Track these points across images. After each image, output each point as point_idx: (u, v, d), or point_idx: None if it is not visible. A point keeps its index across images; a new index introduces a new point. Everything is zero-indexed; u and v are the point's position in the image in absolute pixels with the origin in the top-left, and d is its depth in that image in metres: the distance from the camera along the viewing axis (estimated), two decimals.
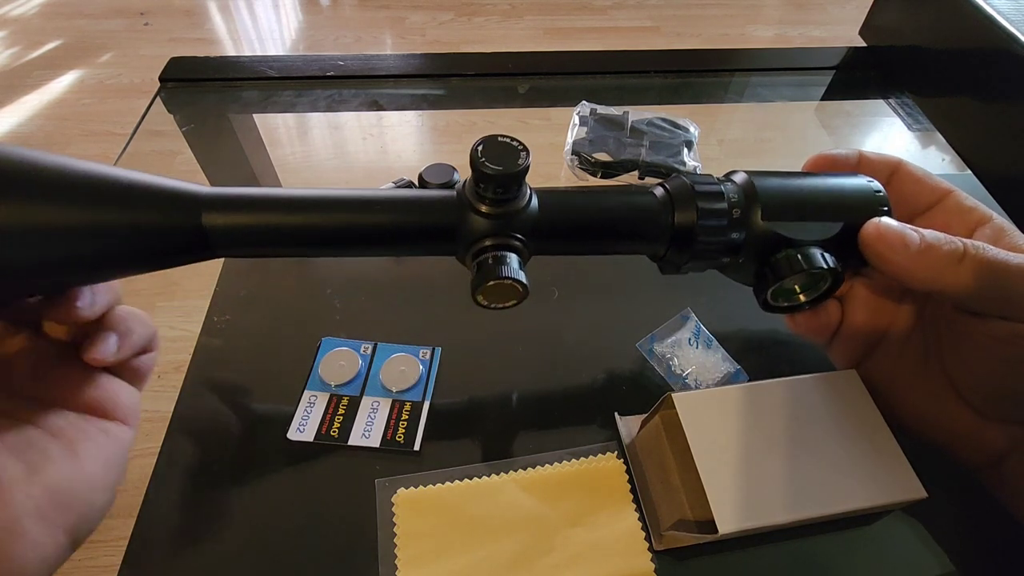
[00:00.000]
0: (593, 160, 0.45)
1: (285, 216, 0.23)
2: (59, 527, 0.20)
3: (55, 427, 0.21)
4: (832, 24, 1.82)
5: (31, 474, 0.19)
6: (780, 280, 0.25)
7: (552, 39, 1.71)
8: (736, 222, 0.25)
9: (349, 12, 1.79)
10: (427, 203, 0.25)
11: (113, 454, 0.22)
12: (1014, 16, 0.46)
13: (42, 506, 0.19)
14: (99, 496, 0.21)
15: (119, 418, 0.22)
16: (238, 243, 0.23)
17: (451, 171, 0.42)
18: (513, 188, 0.23)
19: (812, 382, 0.29)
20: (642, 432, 0.30)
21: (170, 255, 0.22)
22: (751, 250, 0.26)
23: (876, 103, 0.57)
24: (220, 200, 0.22)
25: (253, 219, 0.23)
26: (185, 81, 0.53)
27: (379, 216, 0.24)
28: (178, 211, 0.21)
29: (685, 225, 0.25)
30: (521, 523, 0.27)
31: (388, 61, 0.56)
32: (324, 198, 0.24)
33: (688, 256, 0.26)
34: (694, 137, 0.48)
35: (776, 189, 0.26)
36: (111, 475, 0.22)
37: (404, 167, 0.49)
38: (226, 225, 0.22)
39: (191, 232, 0.22)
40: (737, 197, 0.26)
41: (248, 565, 0.27)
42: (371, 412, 0.31)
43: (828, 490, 0.26)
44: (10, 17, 1.68)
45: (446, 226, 0.24)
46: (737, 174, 0.27)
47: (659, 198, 0.26)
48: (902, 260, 0.24)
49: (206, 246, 0.22)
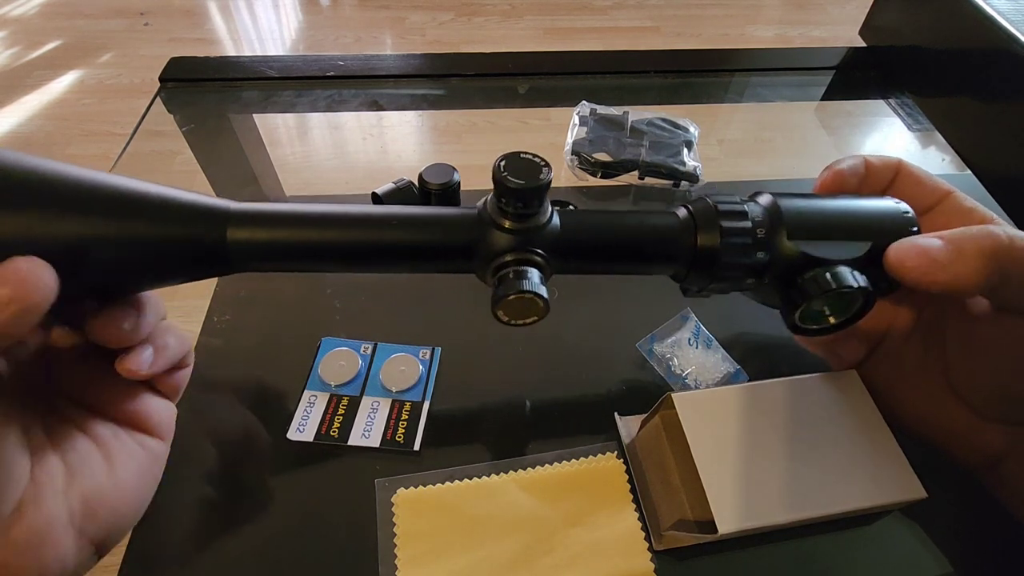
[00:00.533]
0: (593, 160, 0.45)
1: (307, 232, 0.23)
2: (86, 536, 0.20)
3: (97, 435, 0.21)
4: (832, 24, 1.82)
5: (71, 480, 0.20)
6: (808, 300, 0.24)
7: (552, 39, 1.71)
8: (760, 242, 0.25)
9: (349, 12, 1.79)
10: (448, 220, 0.25)
11: (147, 468, 0.22)
12: (1014, 16, 0.46)
13: (74, 513, 0.19)
14: (128, 508, 0.21)
15: (155, 432, 0.23)
16: (259, 258, 0.23)
17: (451, 171, 0.42)
18: (535, 203, 0.23)
19: (812, 382, 0.29)
20: (642, 432, 0.30)
21: (190, 269, 0.23)
22: (777, 271, 0.25)
23: (876, 103, 0.57)
24: (247, 216, 0.22)
25: (276, 235, 0.23)
26: (185, 81, 0.53)
27: (399, 233, 0.24)
28: (206, 225, 0.22)
29: (708, 246, 0.25)
30: (521, 523, 0.27)
31: (388, 61, 0.56)
32: (344, 215, 0.24)
33: (711, 278, 0.26)
34: (694, 137, 0.48)
35: (801, 208, 0.26)
36: (143, 488, 0.22)
37: (404, 167, 0.49)
38: (249, 240, 0.22)
39: (215, 247, 0.22)
40: (762, 217, 0.25)
41: (248, 565, 0.27)
42: (371, 412, 0.31)
43: (828, 490, 0.26)
44: (10, 17, 1.68)
45: (468, 243, 0.24)
46: (762, 195, 0.27)
47: (682, 219, 0.26)
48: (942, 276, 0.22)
49: (226, 261, 0.23)
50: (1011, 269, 0.21)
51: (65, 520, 0.19)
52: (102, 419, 0.22)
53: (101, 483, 0.20)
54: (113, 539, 0.21)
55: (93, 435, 0.21)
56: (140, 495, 0.22)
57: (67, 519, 0.19)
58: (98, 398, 0.22)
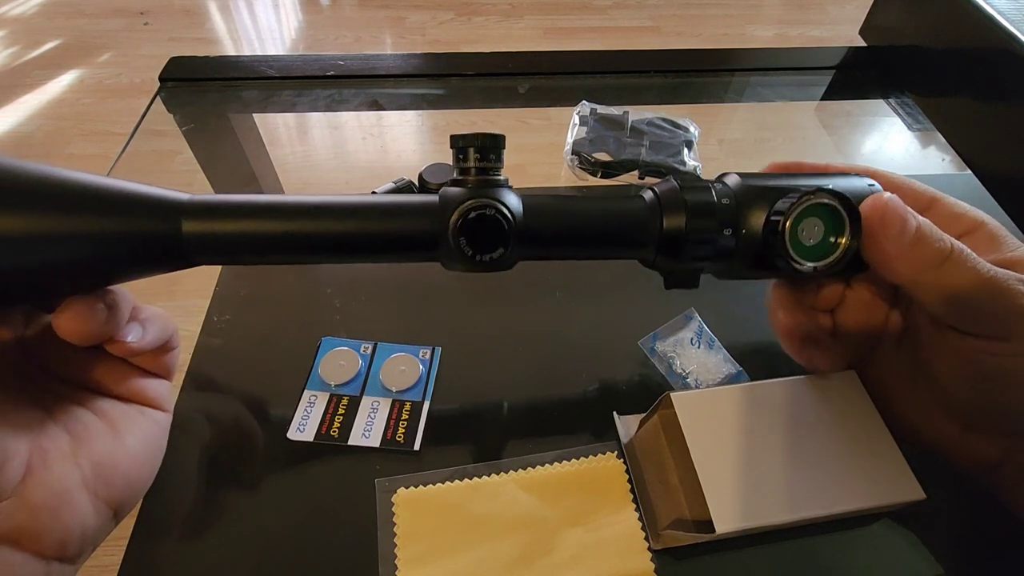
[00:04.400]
0: (593, 160, 0.45)
1: (263, 223, 0.23)
2: (102, 499, 0.21)
3: (98, 408, 0.22)
4: (832, 24, 1.82)
5: (77, 446, 0.21)
6: (787, 217, 0.23)
7: (552, 39, 1.71)
8: (726, 214, 0.25)
9: (349, 12, 1.79)
10: (410, 207, 0.24)
11: (151, 433, 0.23)
12: (1014, 16, 0.46)
13: (87, 477, 0.21)
14: (139, 472, 0.23)
15: (154, 404, 0.24)
16: (215, 251, 0.23)
17: (451, 171, 0.42)
18: (491, 157, 0.24)
19: (811, 383, 0.29)
20: (641, 431, 0.30)
21: (147, 263, 0.22)
22: (751, 242, 0.25)
23: (876, 103, 0.57)
24: (201, 207, 0.22)
25: (232, 226, 0.23)
26: (185, 81, 0.53)
27: (360, 223, 0.24)
28: (158, 218, 0.21)
29: (675, 227, 0.25)
30: (521, 523, 0.27)
31: (388, 61, 0.56)
32: (301, 205, 0.23)
33: (679, 258, 0.25)
34: (694, 137, 0.48)
35: (768, 182, 0.25)
36: (150, 454, 0.23)
37: (404, 167, 0.49)
38: (204, 232, 0.22)
39: (169, 239, 0.22)
40: (728, 193, 0.25)
41: (248, 565, 0.27)
42: (371, 412, 0.31)
43: (826, 491, 0.26)
44: (10, 17, 1.68)
45: (429, 232, 0.24)
46: (729, 175, 0.26)
47: (648, 201, 0.26)
48: (893, 247, 0.23)
49: (181, 255, 0.22)
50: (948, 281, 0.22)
51: (78, 482, 0.20)
52: (101, 396, 0.23)
53: (109, 448, 0.21)
54: (128, 503, 0.22)
55: (94, 408, 0.22)
56: (148, 460, 0.23)
57: (80, 481, 0.20)
58: (95, 379, 0.23)
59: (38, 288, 0.21)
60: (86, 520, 0.20)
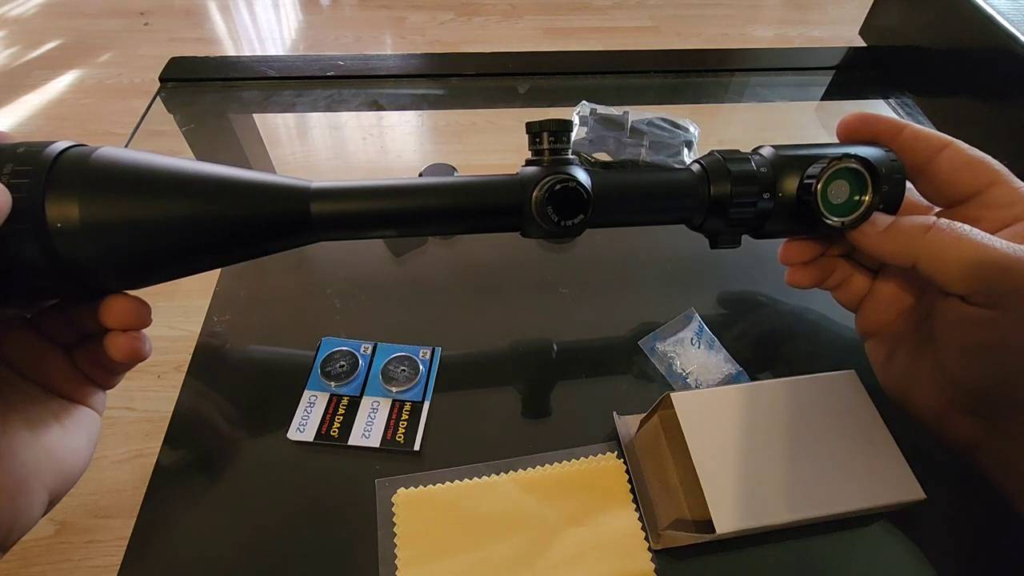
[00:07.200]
0: (593, 160, 0.45)
1: (376, 203, 0.27)
2: (47, 489, 0.22)
3: (49, 403, 0.24)
4: (832, 24, 1.82)
5: (34, 437, 0.22)
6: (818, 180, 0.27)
7: (552, 39, 1.71)
8: (765, 181, 0.28)
9: (349, 12, 1.79)
10: (495, 184, 0.28)
11: (92, 431, 0.25)
12: (1014, 16, 0.46)
13: (41, 466, 0.22)
14: (80, 467, 0.24)
15: (92, 405, 0.25)
16: (338, 227, 0.27)
17: (451, 171, 0.42)
18: (563, 139, 0.27)
19: (811, 383, 0.29)
20: (641, 431, 0.30)
21: (286, 239, 0.27)
22: (786, 203, 0.28)
23: (876, 103, 0.57)
24: (325, 192, 0.27)
25: (351, 206, 0.27)
26: (185, 81, 0.53)
27: (456, 198, 0.28)
28: (294, 202, 0.26)
29: (721, 193, 0.28)
30: (521, 523, 0.27)
31: (388, 61, 0.56)
32: (405, 187, 0.28)
33: (725, 221, 0.29)
34: (694, 137, 0.48)
35: (799, 151, 0.29)
36: (88, 450, 0.25)
37: (404, 167, 0.49)
38: (330, 212, 0.26)
39: (303, 219, 0.26)
40: (765, 163, 0.29)
41: (248, 565, 0.27)
42: (371, 412, 0.31)
43: (826, 491, 0.26)
44: (10, 17, 1.68)
45: (514, 204, 0.28)
46: (764, 148, 0.30)
47: (696, 172, 0.29)
48: (870, 239, 0.26)
49: (311, 231, 0.27)
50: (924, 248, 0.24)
51: (35, 470, 0.21)
52: (50, 392, 0.24)
53: (59, 440, 0.23)
54: (61, 495, 0.23)
55: (45, 403, 0.24)
56: (86, 455, 0.24)
57: (36, 470, 0.21)
58: (48, 376, 0.24)
59: (209, 259, 0.25)
60: (34, 507, 0.21)
